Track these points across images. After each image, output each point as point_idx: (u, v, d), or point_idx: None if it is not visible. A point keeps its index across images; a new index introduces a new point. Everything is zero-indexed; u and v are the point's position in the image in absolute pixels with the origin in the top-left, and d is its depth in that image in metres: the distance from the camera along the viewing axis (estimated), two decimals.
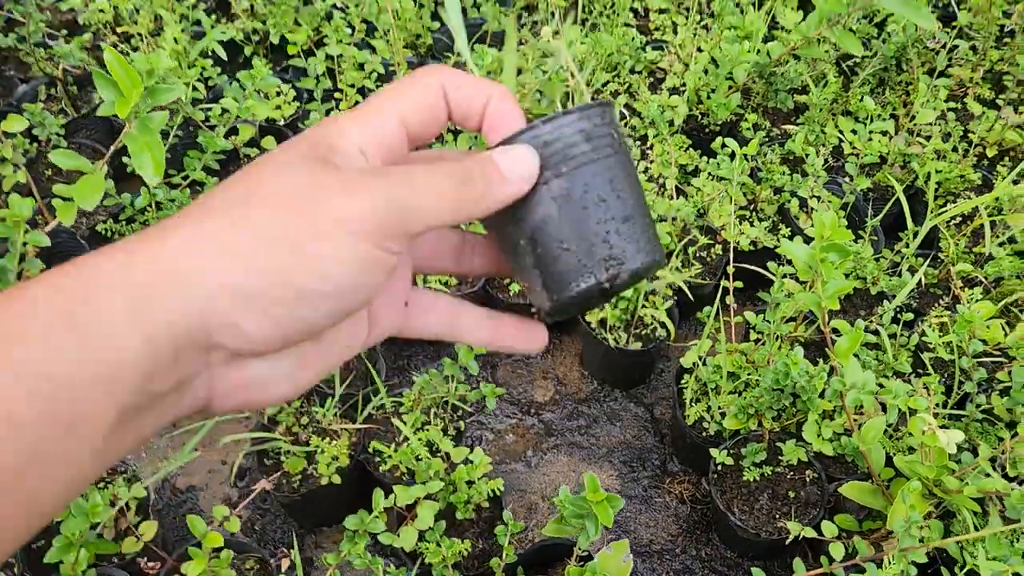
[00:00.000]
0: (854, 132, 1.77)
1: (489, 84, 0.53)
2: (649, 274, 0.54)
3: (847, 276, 1.63)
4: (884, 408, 1.39)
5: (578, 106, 0.52)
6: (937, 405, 1.46)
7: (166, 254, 0.42)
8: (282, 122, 1.93)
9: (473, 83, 0.53)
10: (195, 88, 1.75)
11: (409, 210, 0.46)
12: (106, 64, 1.35)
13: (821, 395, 1.40)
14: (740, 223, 1.71)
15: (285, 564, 1.34)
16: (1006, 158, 1.92)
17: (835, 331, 1.43)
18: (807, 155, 1.65)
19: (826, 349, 1.44)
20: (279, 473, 1.44)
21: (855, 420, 1.34)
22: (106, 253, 0.42)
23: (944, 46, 1.90)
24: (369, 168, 0.48)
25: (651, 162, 1.79)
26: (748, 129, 1.82)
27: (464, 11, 2.20)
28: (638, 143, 1.88)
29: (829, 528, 1.32)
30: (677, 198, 1.67)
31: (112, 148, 1.51)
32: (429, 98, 0.52)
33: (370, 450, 1.44)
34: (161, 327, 0.41)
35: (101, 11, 1.89)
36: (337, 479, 1.40)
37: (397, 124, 0.51)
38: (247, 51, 2.08)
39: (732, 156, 1.60)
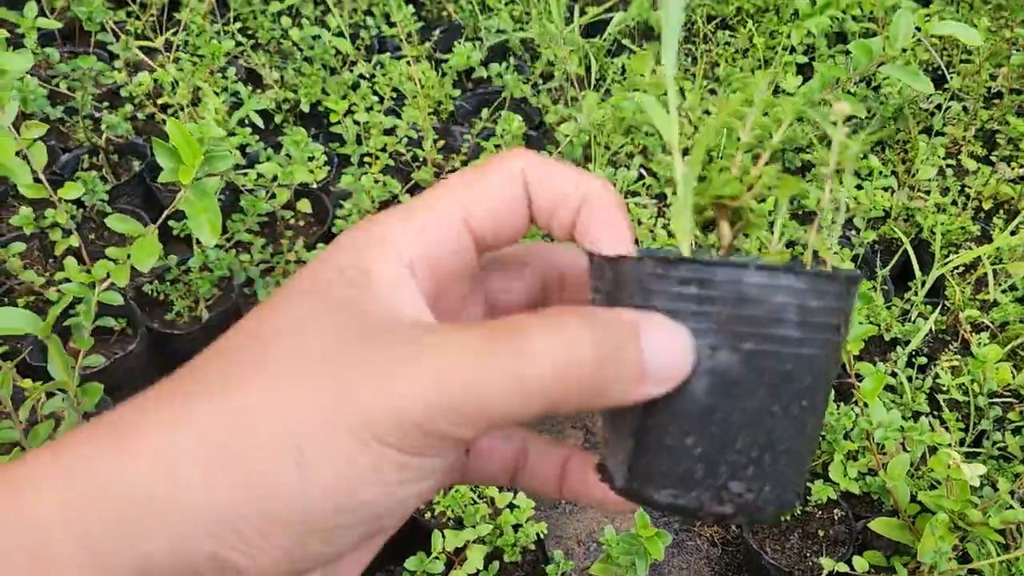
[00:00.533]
0: (859, 188, 1.88)
1: (588, 177, 0.40)
2: (777, 518, 0.39)
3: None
4: (904, 447, 1.46)
5: (816, 270, 0.37)
6: (957, 443, 1.54)
7: (133, 469, 0.32)
8: (315, 185, 2.02)
9: (566, 173, 0.40)
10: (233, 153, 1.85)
11: (469, 405, 0.33)
12: (168, 134, 1.44)
13: (845, 436, 1.47)
14: None
15: None
16: (1001, 210, 2.03)
17: (857, 375, 1.52)
18: (820, 211, 1.75)
19: (851, 392, 1.52)
20: None
21: (879, 459, 1.41)
22: (48, 459, 0.33)
23: (939, 107, 2.03)
24: (418, 326, 0.35)
25: (669, 219, 1.89)
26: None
27: (481, 79, 2.32)
28: (655, 200, 1.98)
29: (860, 563, 1.39)
30: None
31: (166, 213, 1.60)
32: (506, 188, 0.39)
33: None
34: (125, 570, 0.32)
35: (141, 84, 1.98)
36: None
37: (459, 225, 0.39)
38: (277, 119, 2.18)
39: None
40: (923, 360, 1.57)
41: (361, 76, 2.16)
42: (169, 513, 0.31)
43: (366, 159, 1.98)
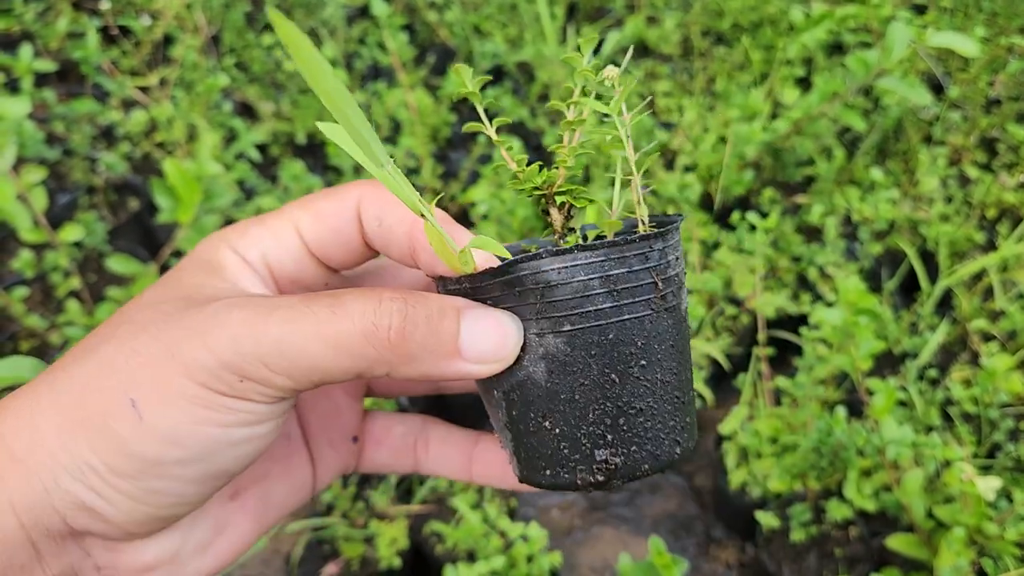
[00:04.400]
0: (863, 200, 1.87)
1: (411, 215, 0.42)
2: (662, 471, 0.42)
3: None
4: (917, 462, 1.45)
5: (607, 240, 0.39)
6: (970, 456, 1.52)
7: (2, 428, 0.37)
8: None
9: (395, 208, 0.43)
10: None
11: (281, 356, 0.37)
12: (166, 174, 1.43)
13: (859, 453, 1.45)
14: (763, 292, 1.78)
15: None
16: (1004, 218, 2.02)
17: (868, 391, 1.50)
18: (824, 225, 1.74)
19: (861, 409, 1.51)
20: (340, 559, 1.48)
21: (894, 475, 1.40)
22: None
23: (938, 117, 2.02)
24: (242, 299, 0.40)
25: None
26: (766, 202, 1.92)
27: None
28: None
29: None
30: (700, 272, 1.75)
31: (167, 251, 1.59)
32: (339, 211, 0.44)
33: (426, 532, 1.48)
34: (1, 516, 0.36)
35: (137, 122, 1.98)
36: (397, 562, 1.44)
37: (293, 238, 0.44)
38: (274, 151, 2.18)
39: (752, 229, 1.69)
40: (933, 373, 1.55)
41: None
42: (31, 464, 0.36)
43: None
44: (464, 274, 0.41)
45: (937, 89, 2.23)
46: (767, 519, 1.47)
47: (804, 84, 2.27)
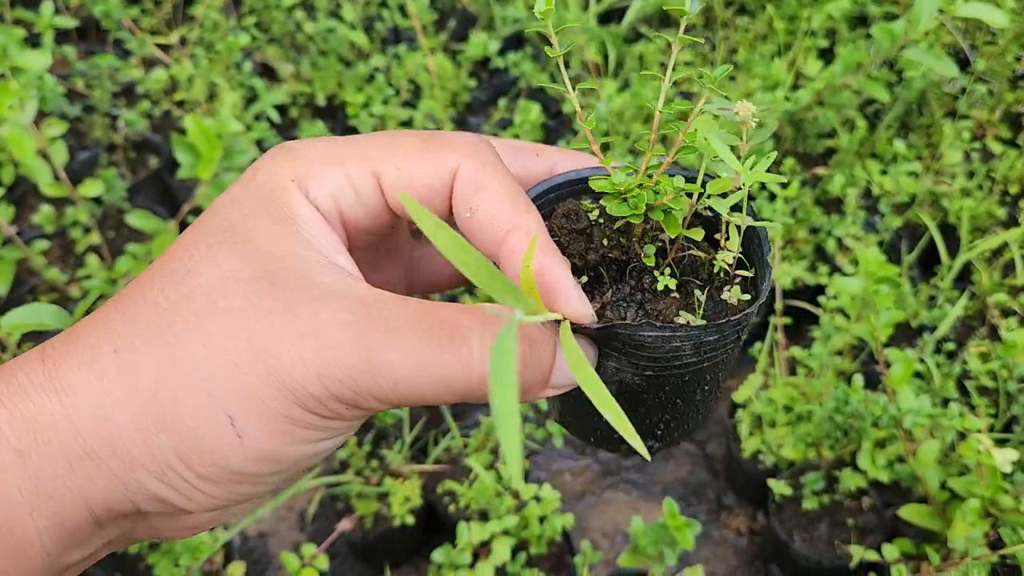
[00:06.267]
0: (884, 173, 1.85)
1: (521, 214, 0.39)
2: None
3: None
4: (933, 434, 1.45)
5: (712, 324, 0.39)
6: (987, 429, 1.51)
7: (76, 423, 0.35)
8: None
9: (491, 203, 0.39)
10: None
11: (395, 392, 0.36)
12: (187, 130, 1.43)
13: (874, 424, 1.45)
14: (780, 262, 1.78)
15: None
16: None
17: (886, 362, 1.50)
18: (844, 196, 1.72)
19: (877, 381, 1.50)
20: (353, 515, 1.49)
21: (909, 446, 1.39)
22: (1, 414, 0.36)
23: (963, 90, 2.00)
24: (340, 299, 0.37)
25: None
26: (787, 172, 1.91)
27: (497, 69, 2.30)
28: None
29: (890, 551, 1.37)
30: None
31: (187, 208, 1.59)
32: (427, 179, 0.40)
33: (439, 491, 1.49)
34: (70, 507, 0.35)
35: (157, 80, 1.98)
36: (410, 520, 1.45)
37: (374, 188, 0.40)
38: (293, 113, 2.17)
39: (772, 198, 1.68)
40: (951, 346, 1.54)
41: (376, 69, 2.15)
42: (110, 463, 0.35)
43: None
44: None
45: (963, 63, 2.21)
46: (779, 487, 1.48)
47: (826, 56, 2.25)
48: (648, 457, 0.34)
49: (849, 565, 1.38)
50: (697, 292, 0.44)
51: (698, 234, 0.45)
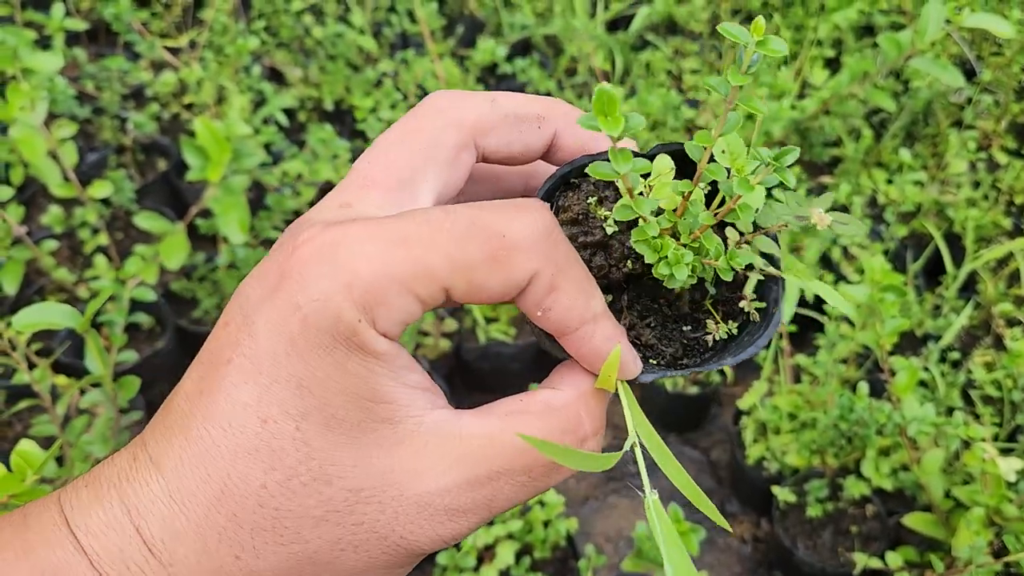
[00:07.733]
0: (890, 182, 1.86)
1: (590, 307, 0.40)
2: None
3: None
4: (937, 442, 1.45)
5: (735, 359, 0.45)
6: (991, 438, 1.52)
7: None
8: (338, 181, 2.02)
9: (577, 299, 0.40)
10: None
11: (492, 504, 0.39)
12: (196, 133, 1.44)
13: (878, 432, 1.45)
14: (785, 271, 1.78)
15: None
16: None
17: (891, 370, 1.50)
18: (850, 205, 1.73)
19: (881, 389, 1.51)
20: None
21: (913, 454, 1.40)
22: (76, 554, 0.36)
23: (969, 101, 2.01)
24: (433, 421, 0.38)
25: None
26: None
27: (505, 75, 2.31)
28: None
29: (893, 559, 1.37)
30: None
31: (195, 211, 1.60)
32: (508, 284, 0.38)
33: None
34: None
35: (166, 83, 1.99)
36: None
37: (441, 297, 0.38)
38: (301, 117, 2.18)
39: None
40: (956, 356, 1.55)
41: (384, 74, 2.16)
42: None
43: None
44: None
45: (969, 74, 2.21)
46: (783, 494, 1.48)
47: (833, 65, 2.26)
48: (730, 529, 0.37)
49: (853, 573, 1.38)
50: (723, 324, 0.46)
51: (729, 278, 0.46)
